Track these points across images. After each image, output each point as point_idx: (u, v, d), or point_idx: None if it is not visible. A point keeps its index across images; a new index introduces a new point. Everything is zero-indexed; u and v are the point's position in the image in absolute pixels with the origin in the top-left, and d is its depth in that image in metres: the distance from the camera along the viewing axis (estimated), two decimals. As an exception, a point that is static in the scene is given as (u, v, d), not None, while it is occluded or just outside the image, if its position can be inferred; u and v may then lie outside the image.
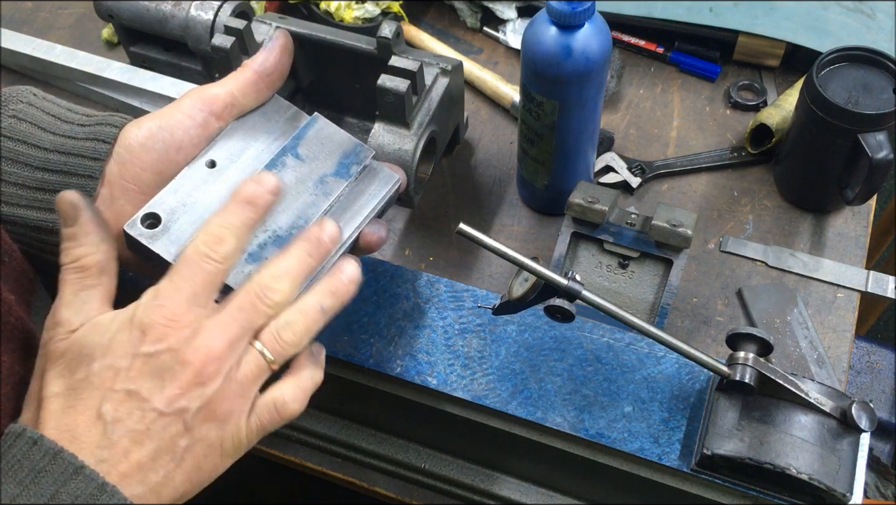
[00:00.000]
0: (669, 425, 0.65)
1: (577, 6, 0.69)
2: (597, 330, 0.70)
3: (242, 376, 0.51)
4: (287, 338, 0.53)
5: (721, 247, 0.86)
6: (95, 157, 0.59)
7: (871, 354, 1.32)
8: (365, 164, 0.63)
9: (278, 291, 0.53)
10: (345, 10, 0.97)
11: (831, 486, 0.59)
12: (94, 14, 0.94)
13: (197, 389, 0.49)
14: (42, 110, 0.61)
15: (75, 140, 0.59)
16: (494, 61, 1.02)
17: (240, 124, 0.62)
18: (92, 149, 0.59)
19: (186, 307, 0.50)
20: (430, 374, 0.68)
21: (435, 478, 0.82)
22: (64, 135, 0.60)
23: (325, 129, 0.63)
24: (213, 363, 0.50)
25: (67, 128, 0.60)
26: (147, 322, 0.50)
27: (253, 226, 0.54)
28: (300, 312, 0.54)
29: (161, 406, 0.49)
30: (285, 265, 0.54)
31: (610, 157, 0.92)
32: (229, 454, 0.52)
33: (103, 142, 0.59)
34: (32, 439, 0.47)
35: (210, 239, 0.52)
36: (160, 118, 0.60)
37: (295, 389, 0.54)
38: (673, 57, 1.00)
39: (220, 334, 0.50)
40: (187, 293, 0.51)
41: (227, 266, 0.52)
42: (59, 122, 0.61)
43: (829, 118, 0.79)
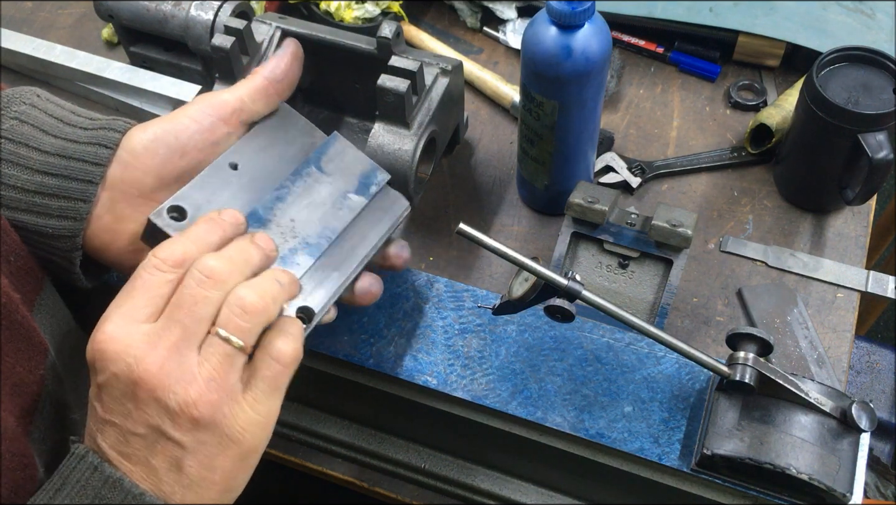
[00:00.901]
0: (669, 425, 0.65)
1: (577, 6, 0.69)
2: (597, 330, 0.70)
3: (209, 371, 0.49)
4: (245, 307, 0.50)
5: (721, 247, 0.86)
6: (96, 162, 0.58)
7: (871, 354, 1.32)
8: (381, 185, 0.66)
9: (218, 267, 0.51)
10: (345, 10, 0.97)
11: (831, 486, 0.59)
12: (94, 14, 0.94)
13: (155, 403, 0.48)
14: (45, 112, 0.61)
15: (77, 144, 0.59)
16: (494, 61, 1.02)
17: (259, 131, 0.63)
18: (93, 154, 0.59)
19: (120, 325, 0.49)
20: (430, 374, 0.68)
21: (435, 478, 0.82)
22: (66, 138, 0.59)
23: (345, 147, 0.66)
24: (158, 376, 0.48)
25: (70, 131, 0.60)
26: (89, 351, 0.50)
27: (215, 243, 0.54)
28: (252, 284, 0.52)
29: (136, 428, 0.49)
30: (227, 249, 0.53)
31: (610, 157, 0.92)
32: (243, 440, 0.51)
33: (105, 147, 0.59)
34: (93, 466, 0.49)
35: (161, 249, 0.52)
36: (166, 122, 0.60)
37: (280, 332, 0.53)
38: (673, 57, 1.00)
39: (159, 344, 0.49)
40: (123, 310, 0.50)
41: (180, 273, 0.51)
42: (61, 125, 0.60)
43: (829, 118, 0.79)
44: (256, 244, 0.55)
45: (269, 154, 0.63)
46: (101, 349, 0.49)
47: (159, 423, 0.48)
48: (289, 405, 0.85)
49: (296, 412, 0.86)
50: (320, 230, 0.61)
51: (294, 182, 0.62)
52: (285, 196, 0.61)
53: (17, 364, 0.54)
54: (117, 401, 0.49)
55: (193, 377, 0.49)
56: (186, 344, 0.49)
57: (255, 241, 0.55)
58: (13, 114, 0.60)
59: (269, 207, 0.60)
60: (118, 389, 0.49)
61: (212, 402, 0.49)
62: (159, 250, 0.52)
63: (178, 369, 0.48)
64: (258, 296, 0.51)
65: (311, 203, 0.62)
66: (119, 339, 0.49)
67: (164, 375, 0.48)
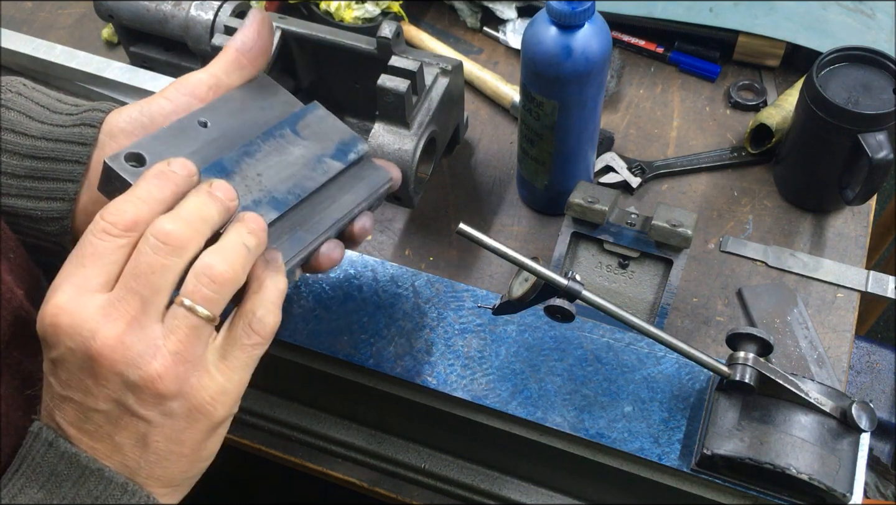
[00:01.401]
0: (669, 425, 0.65)
1: (577, 6, 0.69)
2: (597, 330, 0.70)
3: (175, 344, 0.47)
4: (214, 277, 0.47)
5: (721, 247, 0.86)
6: (83, 142, 0.58)
7: (871, 354, 1.32)
8: (361, 154, 0.62)
9: (175, 231, 0.47)
10: (345, 10, 0.97)
11: (831, 486, 0.59)
12: (94, 14, 0.94)
13: (116, 378, 0.46)
14: (31, 100, 0.61)
15: (63, 128, 0.59)
16: (494, 61, 1.02)
17: (236, 94, 0.60)
18: (79, 134, 0.58)
19: (73, 296, 0.46)
20: (430, 374, 0.68)
21: (435, 478, 0.82)
22: (52, 123, 0.59)
23: (324, 116, 0.62)
24: (118, 350, 0.45)
25: (56, 117, 0.60)
26: (40, 326, 0.47)
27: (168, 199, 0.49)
28: (220, 250, 0.48)
29: (97, 405, 0.46)
30: (182, 209, 0.49)
31: (610, 157, 0.92)
32: (214, 411, 0.49)
33: (90, 126, 0.58)
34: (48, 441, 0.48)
35: (109, 211, 0.47)
36: (142, 104, 0.59)
37: (262, 301, 0.50)
38: (673, 57, 1.00)
39: (116, 316, 0.46)
40: (75, 280, 0.47)
41: (133, 237, 0.47)
42: (48, 112, 0.60)
43: (829, 118, 0.79)
44: (214, 196, 0.50)
45: (243, 116, 0.59)
46: (54, 323, 0.46)
47: (122, 398, 0.46)
48: (289, 405, 0.85)
49: (296, 412, 0.86)
50: (289, 187, 0.57)
51: (265, 140, 0.58)
52: (254, 152, 0.57)
53: (25, 359, 0.54)
54: (75, 376, 0.46)
55: (157, 350, 0.46)
56: (146, 315, 0.46)
57: (212, 192, 0.50)
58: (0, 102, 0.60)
59: (236, 161, 0.56)
60: (75, 364, 0.46)
61: (178, 375, 0.47)
62: (107, 213, 0.47)
63: (141, 343, 0.46)
64: (227, 264, 0.48)
65: (281, 161, 0.58)
66: (72, 311, 0.46)
67: (124, 349, 0.45)
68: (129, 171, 0.52)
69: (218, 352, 0.49)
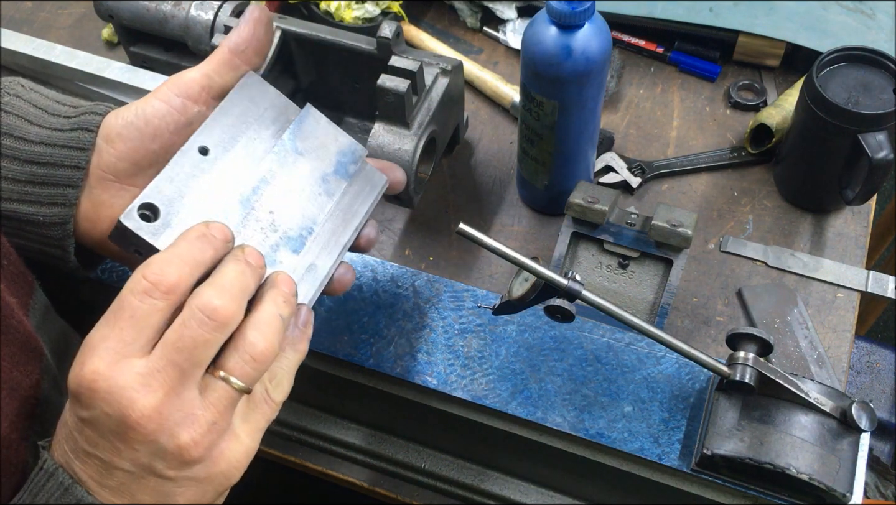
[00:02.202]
0: (669, 425, 0.65)
1: (577, 6, 0.69)
2: (597, 330, 0.70)
3: (212, 414, 0.47)
4: (256, 356, 0.48)
5: (721, 247, 0.86)
6: (80, 146, 0.58)
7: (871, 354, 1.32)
8: (359, 162, 0.63)
9: (222, 308, 0.47)
10: (345, 10, 0.97)
11: (831, 486, 0.59)
12: (94, 14, 0.94)
13: (149, 445, 0.46)
14: (30, 103, 0.61)
15: (62, 132, 0.59)
16: (494, 61, 1.02)
17: (228, 108, 0.58)
18: (76, 139, 0.58)
19: (111, 362, 0.46)
20: (430, 374, 0.68)
21: (435, 478, 0.82)
22: (51, 127, 0.59)
23: (319, 122, 0.62)
24: (155, 420, 0.45)
25: (54, 120, 0.60)
26: (74, 385, 0.46)
27: (207, 263, 0.49)
28: (260, 325, 0.49)
29: (123, 465, 0.46)
30: (224, 279, 0.49)
31: (610, 157, 0.92)
32: (233, 475, 0.50)
33: (87, 130, 0.58)
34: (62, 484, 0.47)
35: (151, 271, 0.47)
36: (136, 107, 0.59)
37: (283, 368, 0.52)
38: (673, 57, 1.00)
39: (156, 386, 0.46)
40: (113, 343, 0.46)
41: (173, 300, 0.47)
42: (46, 115, 0.60)
43: (829, 118, 0.79)
44: (250, 264, 0.51)
45: (240, 133, 0.58)
46: (91, 388, 0.45)
47: (151, 462, 0.46)
48: (289, 405, 0.85)
49: (296, 412, 0.86)
50: (301, 221, 0.58)
51: (269, 168, 0.58)
52: (261, 186, 0.57)
53: (14, 368, 0.54)
54: (105, 438, 0.46)
55: (195, 420, 0.47)
56: (184, 386, 0.47)
57: (248, 260, 0.51)
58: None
59: (248, 199, 0.56)
60: (108, 427, 0.46)
61: (211, 442, 0.47)
62: (149, 272, 0.47)
63: (178, 413, 0.46)
64: (268, 342, 0.49)
65: (288, 190, 0.58)
66: (110, 377, 0.45)
67: (161, 419, 0.46)
68: (146, 229, 0.52)
69: (240, 415, 0.50)
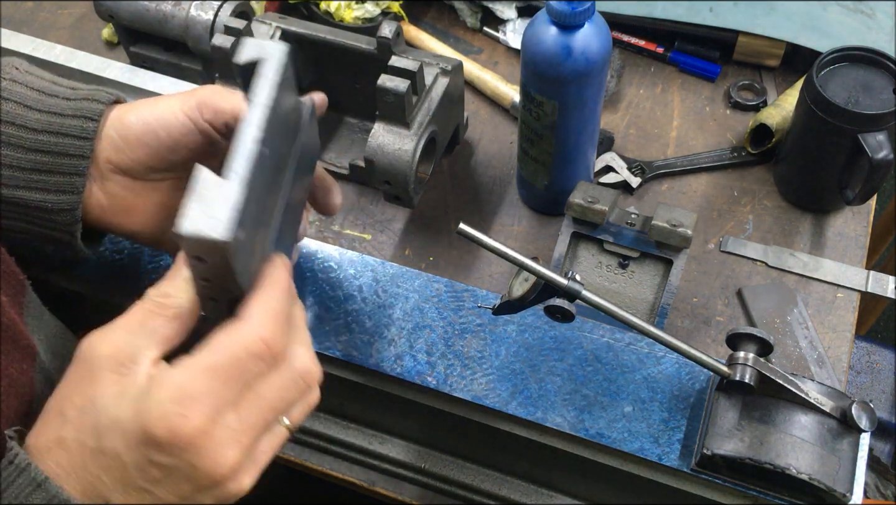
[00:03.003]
0: (669, 425, 0.65)
1: (577, 6, 0.69)
2: (597, 330, 0.70)
3: (269, 457, 0.49)
4: (312, 406, 0.52)
5: (721, 247, 0.86)
6: (84, 136, 0.58)
7: (871, 354, 1.32)
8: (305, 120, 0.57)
9: (318, 373, 0.51)
10: (345, 10, 0.97)
11: (831, 486, 0.59)
12: (94, 14, 0.94)
13: (211, 490, 0.47)
14: (26, 86, 0.61)
15: (63, 117, 0.59)
16: (494, 61, 1.02)
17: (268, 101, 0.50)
18: (79, 128, 0.58)
19: (214, 418, 0.45)
20: (430, 374, 0.68)
21: (435, 478, 0.82)
22: (50, 111, 0.59)
23: (313, 126, 0.58)
24: (232, 471, 0.47)
25: (53, 103, 0.60)
26: (163, 432, 0.44)
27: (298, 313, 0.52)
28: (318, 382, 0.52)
29: (168, 498, 0.46)
30: (308, 338, 0.51)
31: (610, 157, 0.92)
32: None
33: (90, 119, 0.58)
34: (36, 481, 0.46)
35: (270, 335, 0.47)
36: (157, 114, 0.58)
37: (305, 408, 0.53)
38: (673, 57, 1.00)
39: (245, 441, 0.47)
40: (218, 400, 0.46)
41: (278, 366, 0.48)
42: (44, 97, 0.60)
43: (829, 118, 0.79)
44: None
45: (282, 135, 0.53)
46: (190, 442, 0.45)
47: (201, 499, 0.47)
48: (289, 405, 0.85)
49: (296, 412, 0.86)
50: (287, 218, 0.56)
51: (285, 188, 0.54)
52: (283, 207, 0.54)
53: (10, 366, 0.54)
54: (174, 481, 0.46)
55: (257, 465, 0.49)
56: (264, 436, 0.49)
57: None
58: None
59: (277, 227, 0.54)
60: (185, 474, 0.46)
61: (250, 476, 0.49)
62: (268, 336, 0.47)
63: (248, 460, 0.48)
64: (318, 395, 0.53)
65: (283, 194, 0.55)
66: (212, 436, 0.45)
67: (238, 468, 0.47)
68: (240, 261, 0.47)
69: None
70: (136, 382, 0.46)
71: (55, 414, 0.48)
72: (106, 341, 0.47)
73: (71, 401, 0.47)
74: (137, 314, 0.49)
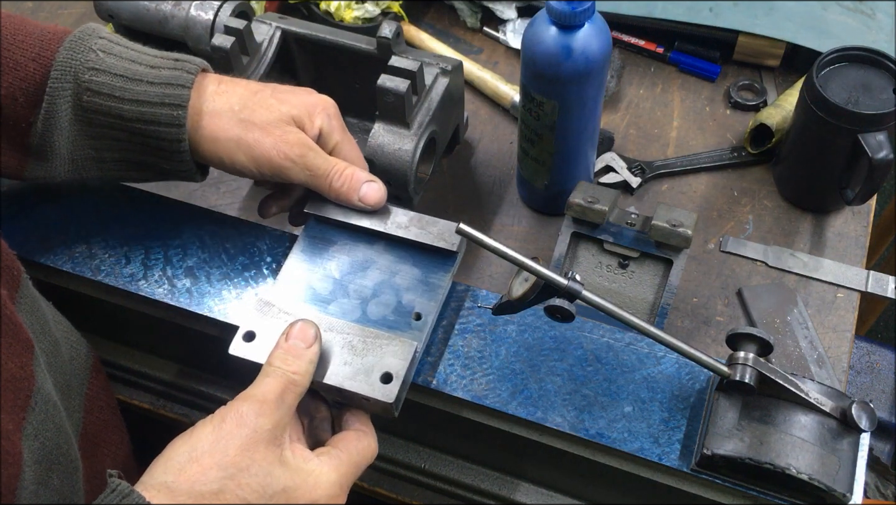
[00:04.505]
0: (669, 425, 0.65)
1: (577, 6, 0.69)
2: (597, 330, 0.70)
3: None
4: None
5: (721, 247, 0.86)
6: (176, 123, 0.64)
7: (871, 354, 1.32)
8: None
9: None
10: (345, 10, 0.97)
11: (831, 486, 0.59)
12: (94, 14, 0.94)
13: None
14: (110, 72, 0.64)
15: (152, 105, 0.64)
16: (494, 61, 1.02)
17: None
18: (169, 115, 0.64)
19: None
20: (430, 374, 0.68)
21: (435, 478, 0.82)
22: (138, 99, 0.64)
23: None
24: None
25: (140, 90, 0.64)
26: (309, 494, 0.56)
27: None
28: None
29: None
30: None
31: (610, 157, 0.92)
32: None
33: (178, 106, 0.63)
34: None
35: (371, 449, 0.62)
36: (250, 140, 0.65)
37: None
38: (673, 57, 1.00)
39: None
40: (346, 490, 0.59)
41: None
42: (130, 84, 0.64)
43: (829, 118, 0.79)
44: None
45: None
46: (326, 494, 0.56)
47: None
48: (289, 405, 0.85)
49: (296, 412, 0.86)
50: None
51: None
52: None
53: (9, 360, 0.54)
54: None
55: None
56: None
57: None
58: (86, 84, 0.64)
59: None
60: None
61: None
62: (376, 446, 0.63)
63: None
64: None
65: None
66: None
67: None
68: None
69: None
70: (285, 456, 0.56)
71: (192, 462, 0.53)
72: (269, 418, 0.55)
73: (230, 461, 0.53)
74: (276, 387, 0.56)
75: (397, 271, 0.69)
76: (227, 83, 0.67)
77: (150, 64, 0.65)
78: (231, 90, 0.66)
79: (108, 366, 0.90)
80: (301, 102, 0.67)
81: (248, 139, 0.64)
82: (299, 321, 0.61)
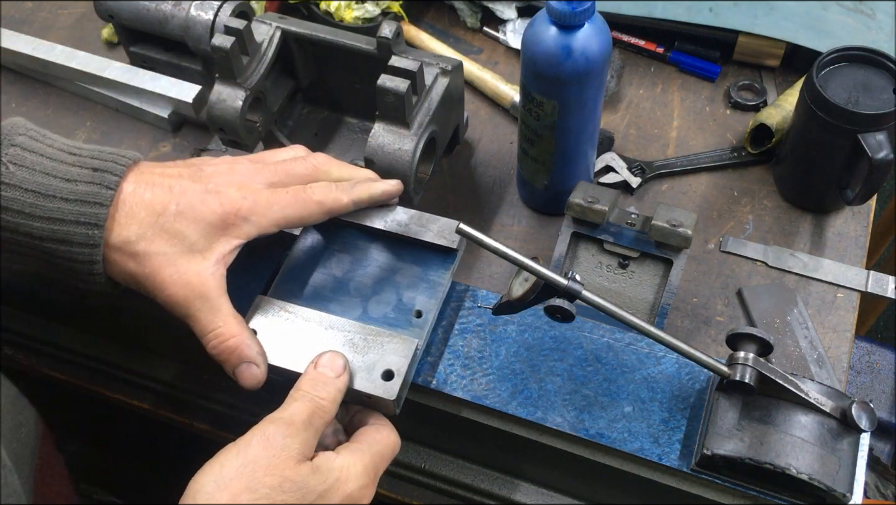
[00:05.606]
0: (669, 425, 0.65)
1: (577, 6, 0.69)
2: (597, 330, 0.70)
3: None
4: None
5: (721, 247, 0.86)
6: (90, 244, 0.61)
7: (871, 354, 1.32)
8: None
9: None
10: (345, 10, 0.97)
11: (831, 486, 0.59)
12: (94, 14, 0.94)
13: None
14: (20, 188, 0.61)
15: (65, 224, 0.60)
16: (494, 61, 1.02)
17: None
18: (84, 235, 0.61)
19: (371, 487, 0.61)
20: (430, 374, 0.68)
21: (435, 478, 0.82)
22: (51, 217, 0.60)
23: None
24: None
25: (53, 207, 0.60)
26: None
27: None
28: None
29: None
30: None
31: (610, 157, 0.92)
32: None
33: (93, 226, 0.60)
34: None
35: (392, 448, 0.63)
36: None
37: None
38: (673, 57, 1.00)
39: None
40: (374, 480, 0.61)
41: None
42: (42, 201, 0.61)
43: (829, 118, 0.79)
44: None
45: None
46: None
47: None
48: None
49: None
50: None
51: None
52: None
53: None
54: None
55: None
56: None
57: None
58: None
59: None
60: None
61: None
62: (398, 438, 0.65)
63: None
64: None
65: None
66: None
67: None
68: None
69: None
70: (315, 464, 0.57)
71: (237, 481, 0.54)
72: (297, 438, 0.57)
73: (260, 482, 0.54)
74: (305, 410, 0.58)
75: (398, 269, 0.69)
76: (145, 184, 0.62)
77: (66, 177, 0.61)
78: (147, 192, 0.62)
79: (108, 366, 0.90)
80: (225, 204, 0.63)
81: (139, 276, 0.61)
82: (328, 352, 0.61)
